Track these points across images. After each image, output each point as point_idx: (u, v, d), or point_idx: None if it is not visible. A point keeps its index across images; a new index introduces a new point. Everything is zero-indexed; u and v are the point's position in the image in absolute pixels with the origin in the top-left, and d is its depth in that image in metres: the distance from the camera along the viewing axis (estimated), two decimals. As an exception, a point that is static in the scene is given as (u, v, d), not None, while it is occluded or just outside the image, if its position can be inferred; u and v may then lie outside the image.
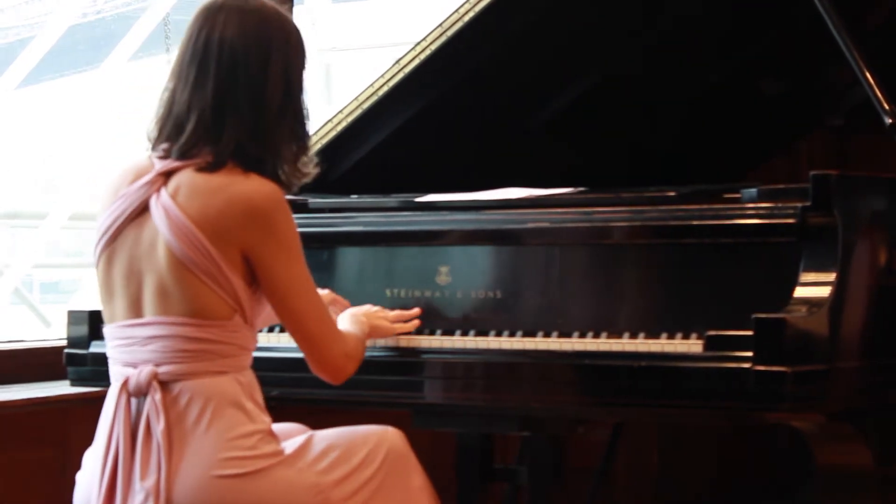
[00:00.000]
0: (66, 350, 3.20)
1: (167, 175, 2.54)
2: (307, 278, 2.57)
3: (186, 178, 2.53)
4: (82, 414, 3.38)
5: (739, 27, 3.62)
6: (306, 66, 2.62)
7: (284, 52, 2.58)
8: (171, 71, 2.60)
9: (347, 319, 2.81)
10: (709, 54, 3.69)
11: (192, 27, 2.58)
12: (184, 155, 2.54)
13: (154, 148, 2.58)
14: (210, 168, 2.52)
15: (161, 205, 2.51)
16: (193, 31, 2.57)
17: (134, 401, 2.52)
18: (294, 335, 2.62)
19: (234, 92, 2.54)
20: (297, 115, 2.61)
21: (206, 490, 2.45)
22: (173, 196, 2.51)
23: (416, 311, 2.96)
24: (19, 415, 3.45)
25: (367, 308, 2.91)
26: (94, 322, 3.15)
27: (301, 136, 2.62)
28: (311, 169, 2.65)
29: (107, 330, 2.61)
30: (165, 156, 2.55)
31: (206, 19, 2.57)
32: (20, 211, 7.81)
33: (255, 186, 2.51)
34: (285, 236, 2.53)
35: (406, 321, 2.94)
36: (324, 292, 2.87)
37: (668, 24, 3.57)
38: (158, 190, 2.53)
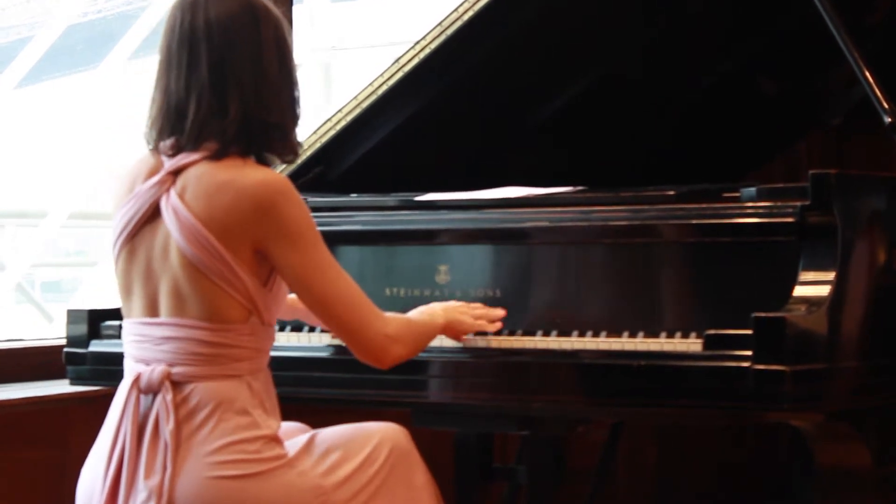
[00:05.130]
0: (65, 349, 3.20)
1: (176, 173, 2.53)
2: (328, 262, 2.54)
3: (193, 174, 2.51)
4: (82, 413, 3.38)
5: (739, 27, 3.61)
6: (290, 39, 2.62)
7: (270, 21, 2.57)
8: (157, 70, 2.58)
9: (418, 309, 2.79)
10: (709, 54, 3.69)
11: (171, 19, 2.57)
12: (195, 142, 2.52)
13: (159, 144, 2.56)
14: (216, 156, 2.51)
15: (171, 206, 2.50)
16: (176, 21, 2.56)
17: (143, 398, 2.52)
18: (327, 323, 2.59)
19: (232, 64, 2.52)
20: (293, 83, 2.60)
21: (208, 491, 2.45)
22: (181, 195, 2.50)
23: (501, 312, 2.90)
24: (19, 414, 3.45)
25: (453, 303, 2.88)
26: (94, 321, 3.15)
27: (297, 105, 2.61)
28: (298, 140, 2.64)
29: (124, 325, 2.60)
30: (174, 152, 2.54)
31: (187, 7, 2.56)
32: (20, 210, 7.81)
33: (259, 178, 2.49)
34: (297, 225, 2.50)
35: (491, 321, 2.89)
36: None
37: (668, 23, 3.57)
38: (168, 190, 2.52)
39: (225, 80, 2.52)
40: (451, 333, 2.83)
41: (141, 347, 2.55)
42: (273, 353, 2.78)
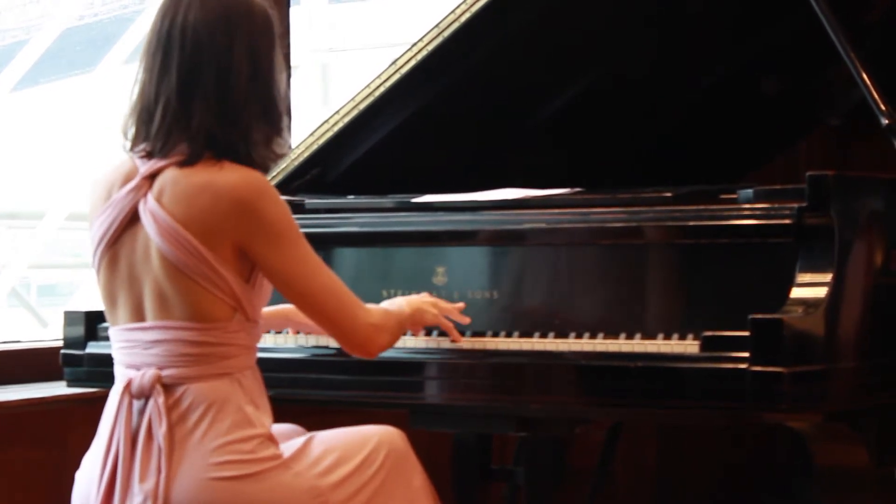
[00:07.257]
0: (62, 351, 3.20)
1: (152, 177, 2.53)
2: (309, 257, 2.54)
3: (169, 177, 2.51)
4: (80, 414, 3.38)
5: (739, 26, 3.62)
6: (275, 46, 2.58)
7: (249, 33, 2.55)
8: (139, 65, 2.58)
9: (387, 301, 2.80)
10: (708, 54, 3.69)
11: (156, 17, 2.57)
12: (162, 150, 2.52)
13: (133, 146, 2.57)
14: (188, 162, 2.50)
15: (149, 210, 2.51)
16: (157, 20, 2.56)
17: (136, 403, 2.52)
18: (312, 317, 2.61)
19: (199, 75, 2.51)
20: (267, 96, 2.57)
21: (203, 493, 2.45)
22: (158, 199, 2.51)
23: (460, 304, 2.91)
24: (17, 415, 3.45)
25: (420, 296, 2.87)
26: (91, 323, 3.15)
27: (273, 117, 2.58)
28: (284, 149, 2.62)
29: (111, 332, 2.61)
30: (147, 156, 2.54)
31: (170, 7, 2.55)
32: (17, 212, 7.80)
33: (237, 178, 2.49)
34: (277, 223, 2.51)
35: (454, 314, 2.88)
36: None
37: (667, 23, 3.57)
38: (145, 195, 2.52)
39: (192, 88, 2.52)
40: (413, 323, 2.81)
41: (130, 353, 2.55)
42: (268, 355, 2.79)
